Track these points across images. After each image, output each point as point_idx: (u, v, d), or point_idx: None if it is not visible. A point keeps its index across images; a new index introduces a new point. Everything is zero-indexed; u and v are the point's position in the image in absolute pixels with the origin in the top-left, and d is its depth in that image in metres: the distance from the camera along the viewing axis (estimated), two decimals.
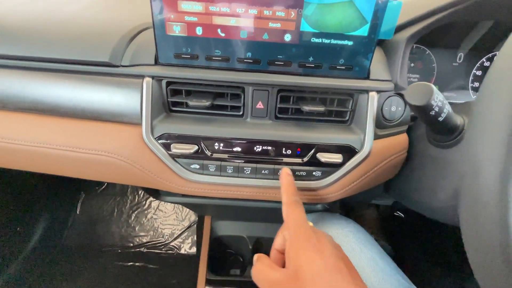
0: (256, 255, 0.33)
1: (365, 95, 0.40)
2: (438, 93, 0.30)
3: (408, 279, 0.39)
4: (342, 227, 0.44)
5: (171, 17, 0.35)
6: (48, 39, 0.38)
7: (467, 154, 0.23)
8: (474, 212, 0.22)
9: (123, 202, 1.11)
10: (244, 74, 0.38)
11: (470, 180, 0.23)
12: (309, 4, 0.34)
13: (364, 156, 0.40)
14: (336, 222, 0.46)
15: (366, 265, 0.38)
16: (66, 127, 0.40)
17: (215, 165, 0.40)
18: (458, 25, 0.44)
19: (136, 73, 0.38)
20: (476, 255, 0.23)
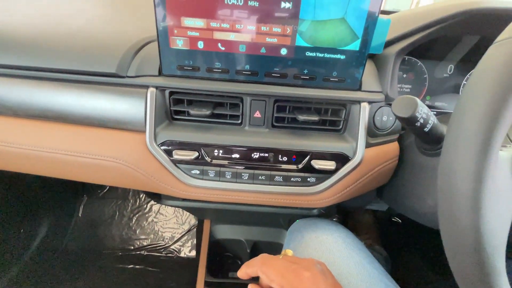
0: (251, 286, 0.35)
1: (357, 105, 0.42)
2: (423, 106, 0.32)
3: (395, 282, 0.41)
4: (332, 232, 0.46)
5: (175, 31, 0.38)
6: (59, 50, 0.41)
7: (442, 162, 0.25)
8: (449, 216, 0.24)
9: (124, 206, 1.12)
10: (242, 85, 0.40)
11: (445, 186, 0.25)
12: (303, 21, 0.37)
13: (357, 163, 0.42)
14: (327, 227, 0.47)
15: (353, 269, 0.40)
16: (74, 134, 0.42)
17: (214, 171, 0.42)
18: (444, 39, 0.46)
19: (141, 84, 0.40)
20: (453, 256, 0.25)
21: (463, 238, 0.23)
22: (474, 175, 0.22)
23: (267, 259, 0.35)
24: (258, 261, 0.35)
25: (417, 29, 0.39)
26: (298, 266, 0.32)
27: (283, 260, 0.34)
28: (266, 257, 0.35)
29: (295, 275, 0.31)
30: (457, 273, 0.25)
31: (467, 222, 0.23)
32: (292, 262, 0.33)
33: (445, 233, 0.26)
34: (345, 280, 0.38)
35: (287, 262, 0.33)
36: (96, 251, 1.00)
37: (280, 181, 0.43)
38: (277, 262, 0.33)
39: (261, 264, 0.34)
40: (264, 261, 0.34)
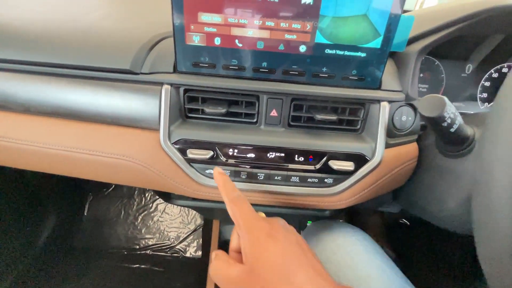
0: (213, 252, 0.32)
1: (376, 105, 0.41)
2: (451, 105, 0.31)
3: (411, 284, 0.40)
4: (350, 235, 0.45)
5: (191, 27, 0.37)
6: (72, 46, 0.40)
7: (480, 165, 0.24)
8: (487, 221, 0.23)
9: (130, 204, 1.12)
10: (259, 83, 0.39)
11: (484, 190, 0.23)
12: (324, 17, 0.36)
13: (376, 164, 0.41)
14: (343, 230, 0.46)
15: (374, 274, 0.39)
16: (86, 131, 0.41)
17: (229, 171, 0.41)
18: (469, 38, 0.45)
19: (155, 81, 0.39)
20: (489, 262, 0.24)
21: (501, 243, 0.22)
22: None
23: (242, 202, 0.31)
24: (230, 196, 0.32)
25: (442, 26, 0.38)
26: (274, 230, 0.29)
27: (262, 218, 0.30)
28: (242, 200, 0.32)
29: (256, 223, 0.28)
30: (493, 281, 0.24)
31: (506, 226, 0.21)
32: (269, 223, 0.30)
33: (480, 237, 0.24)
34: (365, 284, 0.37)
35: (264, 221, 0.30)
36: (102, 250, 1.00)
37: (297, 182, 0.42)
38: (252, 212, 0.30)
39: (232, 202, 0.31)
40: (237, 201, 0.31)
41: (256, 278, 0.26)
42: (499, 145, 0.23)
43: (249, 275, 0.26)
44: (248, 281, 0.26)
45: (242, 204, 0.31)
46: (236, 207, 0.31)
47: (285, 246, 0.27)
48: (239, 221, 0.30)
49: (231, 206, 0.31)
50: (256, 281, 0.26)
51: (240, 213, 0.30)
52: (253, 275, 0.26)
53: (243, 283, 0.26)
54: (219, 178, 0.35)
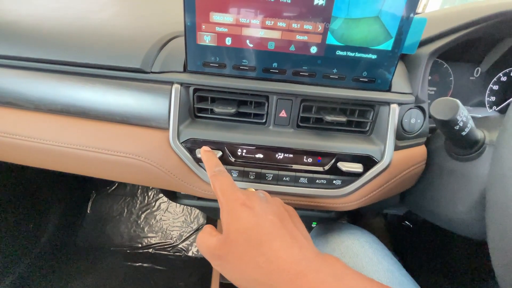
0: None
1: (386, 107, 0.41)
2: (463, 109, 0.31)
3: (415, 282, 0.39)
4: (358, 237, 0.45)
5: (203, 27, 0.37)
6: (83, 45, 0.40)
7: (496, 169, 0.24)
8: (503, 226, 0.23)
9: (133, 203, 1.12)
10: (269, 84, 0.39)
11: (499, 194, 0.23)
12: (336, 18, 0.36)
13: (384, 166, 0.40)
14: (352, 232, 0.46)
15: (383, 277, 0.38)
16: (95, 130, 0.41)
17: (238, 171, 0.41)
18: (480, 41, 0.44)
19: (165, 80, 0.39)
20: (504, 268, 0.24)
21: None
22: None
23: (223, 175, 0.32)
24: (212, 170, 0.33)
25: (454, 29, 0.38)
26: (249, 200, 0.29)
27: (240, 190, 0.30)
28: (222, 173, 0.32)
29: (240, 205, 0.28)
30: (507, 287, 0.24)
31: None
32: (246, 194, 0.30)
33: (494, 242, 0.24)
34: None
35: (241, 192, 0.30)
36: (105, 248, 1.00)
37: (305, 183, 0.42)
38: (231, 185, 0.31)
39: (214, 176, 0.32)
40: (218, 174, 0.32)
41: (230, 246, 0.26)
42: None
43: (225, 243, 0.27)
44: (224, 249, 0.27)
45: (222, 177, 0.32)
46: (216, 180, 0.32)
47: (260, 215, 0.28)
48: (218, 192, 0.31)
49: (212, 180, 0.32)
50: (229, 249, 0.26)
51: (219, 186, 0.31)
52: (228, 243, 0.27)
53: (219, 251, 0.27)
54: (204, 155, 0.36)
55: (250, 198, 0.29)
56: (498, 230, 0.23)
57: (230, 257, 0.27)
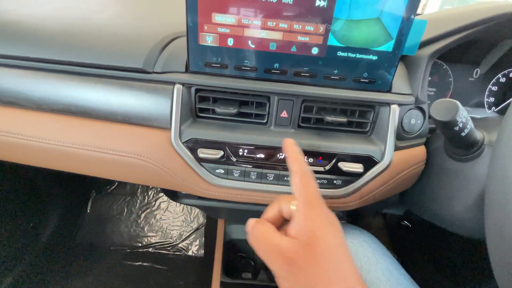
0: (252, 219, 0.30)
1: (386, 107, 0.41)
2: (463, 110, 0.31)
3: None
4: (356, 236, 0.45)
5: (205, 28, 0.37)
6: (84, 45, 0.40)
7: (494, 169, 0.24)
8: (502, 226, 0.23)
9: (132, 202, 1.12)
10: (270, 84, 0.39)
11: (498, 194, 0.24)
12: (337, 20, 0.36)
13: (385, 166, 0.41)
14: (351, 232, 0.46)
15: (382, 276, 0.39)
16: (97, 129, 0.41)
17: (239, 171, 0.42)
18: (480, 43, 0.45)
19: (167, 80, 0.39)
20: (502, 268, 0.24)
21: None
22: None
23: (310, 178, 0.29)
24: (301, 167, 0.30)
25: (454, 31, 0.38)
26: (333, 218, 0.28)
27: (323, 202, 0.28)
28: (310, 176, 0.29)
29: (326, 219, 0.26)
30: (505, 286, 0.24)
31: None
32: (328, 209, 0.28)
33: (493, 242, 0.25)
34: (373, 286, 0.37)
35: (324, 206, 0.28)
36: (105, 247, 1.00)
37: None
38: (316, 192, 0.28)
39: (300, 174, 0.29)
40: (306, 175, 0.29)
41: (312, 255, 0.24)
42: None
43: (305, 250, 0.25)
44: (303, 256, 0.25)
45: (309, 180, 0.29)
46: (304, 180, 0.29)
47: (341, 236, 0.27)
48: (303, 194, 0.28)
49: (299, 178, 0.29)
50: (311, 258, 0.24)
51: (307, 188, 0.29)
52: (310, 251, 0.25)
53: (295, 255, 0.25)
54: (290, 148, 0.33)
55: (332, 216, 0.28)
56: (496, 230, 0.24)
57: (306, 265, 0.24)
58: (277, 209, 0.31)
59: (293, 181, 0.30)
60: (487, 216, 0.25)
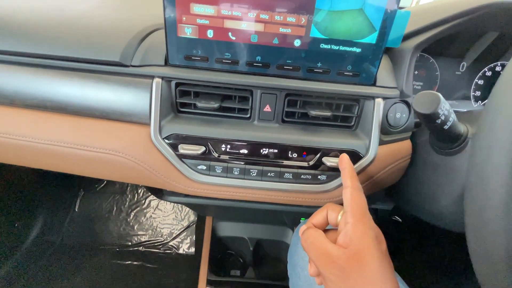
0: (305, 225, 0.34)
1: (371, 101, 0.40)
2: (445, 102, 0.31)
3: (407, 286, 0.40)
4: None
5: (183, 19, 0.36)
6: (58, 37, 0.38)
7: (473, 162, 0.24)
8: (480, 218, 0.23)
9: (122, 201, 1.10)
10: (253, 78, 0.38)
11: (477, 186, 0.23)
12: (319, 10, 0.35)
13: (369, 161, 0.40)
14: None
15: None
16: (74, 125, 0.40)
17: (221, 167, 0.41)
18: (464, 35, 0.44)
19: (146, 73, 0.38)
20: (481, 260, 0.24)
21: (493, 240, 0.22)
22: (509, 175, 0.21)
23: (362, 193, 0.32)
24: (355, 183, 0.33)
25: (438, 23, 0.37)
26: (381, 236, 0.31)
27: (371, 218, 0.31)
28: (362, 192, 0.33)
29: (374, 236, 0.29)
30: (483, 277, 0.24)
31: (499, 224, 0.21)
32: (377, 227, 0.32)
33: (472, 234, 0.24)
34: None
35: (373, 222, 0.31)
36: (93, 247, 0.98)
37: (290, 178, 0.41)
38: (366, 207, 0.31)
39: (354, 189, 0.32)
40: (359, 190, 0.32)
41: (359, 265, 0.27)
42: (494, 143, 0.22)
43: (354, 259, 0.27)
44: (351, 265, 0.27)
45: (361, 195, 0.32)
46: (357, 194, 0.32)
47: (384, 250, 0.30)
48: (355, 208, 0.31)
49: (352, 192, 0.32)
50: (358, 267, 0.27)
51: (359, 202, 0.31)
52: (358, 261, 0.27)
53: (345, 263, 0.27)
54: (347, 163, 0.35)
55: (380, 233, 0.31)
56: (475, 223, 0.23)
57: (353, 274, 0.27)
58: (325, 216, 0.34)
59: (346, 195, 0.32)
60: (466, 209, 0.25)
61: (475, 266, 0.24)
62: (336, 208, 0.34)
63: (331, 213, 0.33)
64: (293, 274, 0.47)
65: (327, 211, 0.34)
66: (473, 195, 0.24)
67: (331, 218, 0.33)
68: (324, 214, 0.34)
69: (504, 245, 0.21)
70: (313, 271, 0.34)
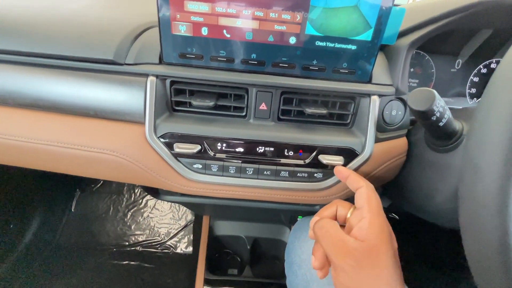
0: (316, 217, 0.34)
1: (366, 98, 0.40)
2: (440, 99, 0.31)
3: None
4: None
5: (177, 16, 0.35)
6: (52, 35, 0.38)
7: (467, 158, 0.24)
8: (474, 215, 0.23)
9: (119, 201, 1.10)
10: (248, 75, 0.38)
11: (470, 184, 0.23)
12: (314, 7, 0.35)
13: (365, 159, 0.40)
14: None
15: None
16: (68, 125, 0.40)
17: (217, 165, 0.40)
18: (459, 33, 0.45)
19: (140, 72, 0.38)
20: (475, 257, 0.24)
21: (487, 237, 0.22)
22: (502, 172, 0.21)
23: (375, 191, 0.33)
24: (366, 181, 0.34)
25: (432, 20, 0.37)
26: (393, 234, 0.32)
27: None
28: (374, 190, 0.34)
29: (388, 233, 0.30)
30: (478, 274, 0.24)
31: (493, 220, 0.21)
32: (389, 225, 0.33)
33: (466, 231, 0.24)
34: None
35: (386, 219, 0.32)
36: (90, 247, 0.98)
37: (286, 177, 0.41)
38: (380, 204, 0.32)
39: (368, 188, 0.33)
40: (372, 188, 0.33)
41: (373, 259, 0.28)
42: (487, 139, 0.22)
43: (369, 252, 0.28)
44: (366, 257, 0.28)
45: (374, 193, 0.33)
46: (373, 193, 0.33)
47: (395, 248, 0.31)
48: (369, 203, 0.32)
49: (366, 190, 0.33)
50: (372, 260, 0.28)
51: (376, 200, 0.32)
52: (373, 255, 0.28)
53: (361, 255, 0.28)
54: (348, 172, 0.36)
55: (392, 232, 0.32)
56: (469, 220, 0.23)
57: (367, 266, 0.28)
58: (334, 211, 0.34)
59: (361, 194, 0.33)
60: (460, 206, 0.25)
61: (470, 266, 0.24)
62: (345, 205, 0.34)
63: (341, 209, 0.34)
64: (290, 272, 0.47)
65: (337, 207, 0.34)
66: (466, 193, 0.24)
67: (341, 214, 0.34)
68: (334, 209, 0.34)
69: (497, 243, 0.21)
70: (318, 263, 0.33)
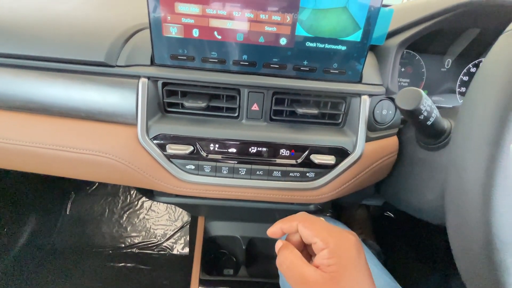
0: (281, 241, 0.31)
1: (357, 98, 0.41)
2: (427, 98, 0.31)
3: (394, 280, 0.40)
4: None
5: (168, 18, 0.36)
6: (42, 37, 0.38)
7: (451, 157, 0.24)
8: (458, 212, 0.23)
9: (114, 203, 1.09)
10: (240, 76, 0.38)
11: (455, 181, 0.24)
12: (304, 9, 0.35)
13: (356, 158, 0.41)
14: None
15: None
16: (59, 127, 0.39)
17: (210, 166, 0.41)
18: (447, 32, 0.45)
19: (131, 74, 0.38)
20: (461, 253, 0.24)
21: (472, 233, 0.22)
22: (485, 169, 0.21)
23: (308, 216, 0.31)
24: (300, 216, 0.31)
25: (421, 20, 0.38)
26: (341, 228, 0.30)
27: (324, 221, 0.30)
28: (307, 214, 0.31)
29: (342, 235, 0.28)
30: (464, 270, 0.25)
31: (477, 217, 0.22)
32: (353, 234, 0.30)
33: (452, 228, 0.25)
34: None
35: (329, 223, 0.30)
36: (85, 250, 0.97)
37: (279, 176, 0.41)
38: (319, 220, 0.30)
39: (304, 219, 0.30)
40: (306, 217, 0.31)
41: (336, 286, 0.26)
42: (471, 137, 0.23)
43: (332, 282, 0.26)
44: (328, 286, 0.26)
45: (312, 220, 0.30)
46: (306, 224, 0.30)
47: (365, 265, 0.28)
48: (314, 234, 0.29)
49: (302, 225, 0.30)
50: None
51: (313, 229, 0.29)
52: (335, 283, 0.26)
53: (322, 286, 0.26)
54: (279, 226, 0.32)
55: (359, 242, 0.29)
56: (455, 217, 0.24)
57: None
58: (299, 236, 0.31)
59: (302, 232, 0.30)
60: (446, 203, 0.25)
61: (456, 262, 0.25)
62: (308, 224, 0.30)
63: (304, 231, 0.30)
64: None
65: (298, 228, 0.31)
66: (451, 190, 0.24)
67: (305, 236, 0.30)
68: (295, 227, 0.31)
69: (481, 239, 0.21)
70: None
